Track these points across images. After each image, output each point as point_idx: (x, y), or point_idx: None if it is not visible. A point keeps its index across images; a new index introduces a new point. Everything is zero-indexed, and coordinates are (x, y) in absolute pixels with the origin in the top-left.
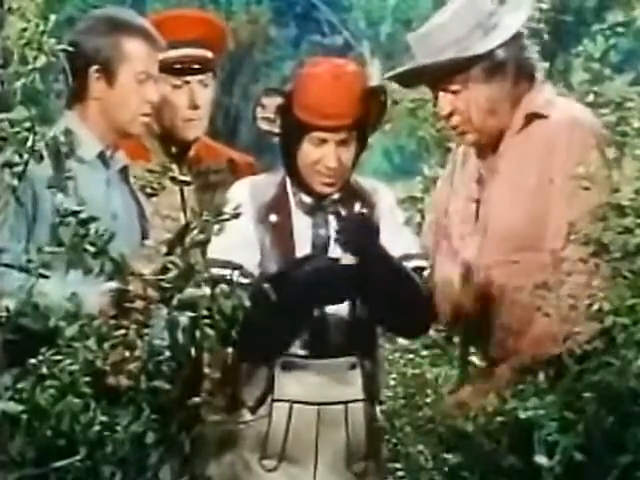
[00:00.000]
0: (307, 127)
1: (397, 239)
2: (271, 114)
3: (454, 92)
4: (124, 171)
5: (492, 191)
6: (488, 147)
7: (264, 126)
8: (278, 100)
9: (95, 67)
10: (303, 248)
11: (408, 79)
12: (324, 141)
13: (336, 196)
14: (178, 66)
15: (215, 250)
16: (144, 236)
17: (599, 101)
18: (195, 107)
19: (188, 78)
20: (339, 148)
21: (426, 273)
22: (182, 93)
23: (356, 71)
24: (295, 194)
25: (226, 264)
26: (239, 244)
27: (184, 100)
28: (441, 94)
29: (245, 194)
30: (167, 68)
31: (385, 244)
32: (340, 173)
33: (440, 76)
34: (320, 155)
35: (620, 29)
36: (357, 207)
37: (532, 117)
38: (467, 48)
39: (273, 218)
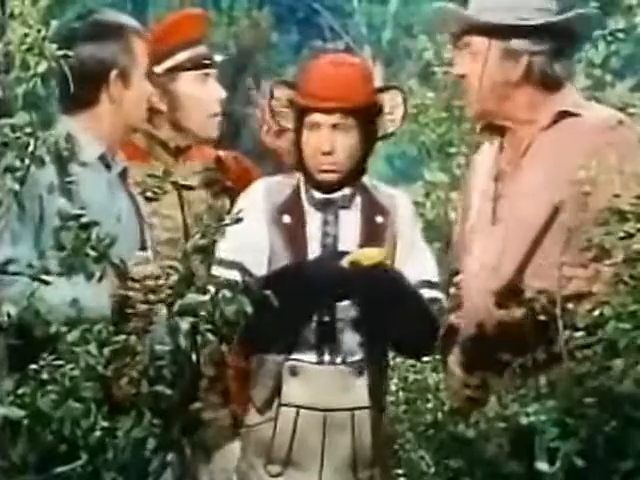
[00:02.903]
0: (305, 112)
1: (416, 261)
2: (284, 108)
3: (473, 54)
4: (124, 173)
5: (514, 186)
6: (489, 130)
7: (281, 122)
8: (288, 92)
9: (115, 72)
10: (315, 248)
11: (449, 20)
12: (317, 125)
13: (347, 191)
14: (198, 64)
15: (224, 251)
16: (142, 238)
17: None
18: (220, 100)
19: (208, 73)
20: (334, 132)
21: (442, 303)
22: (206, 88)
23: (359, 62)
24: (307, 191)
25: (233, 266)
26: (248, 247)
27: (209, 94)
28: (461, 52)
29: (259, 196)
30: (188, 67)
31: (403, 263)
32: (338, 160)
33: (468, 32)
34: (316, 141)
35: (621, 35)
36: (375, 215)
37: (563, 115)
38: (503, 19)
39: (286, 219)
